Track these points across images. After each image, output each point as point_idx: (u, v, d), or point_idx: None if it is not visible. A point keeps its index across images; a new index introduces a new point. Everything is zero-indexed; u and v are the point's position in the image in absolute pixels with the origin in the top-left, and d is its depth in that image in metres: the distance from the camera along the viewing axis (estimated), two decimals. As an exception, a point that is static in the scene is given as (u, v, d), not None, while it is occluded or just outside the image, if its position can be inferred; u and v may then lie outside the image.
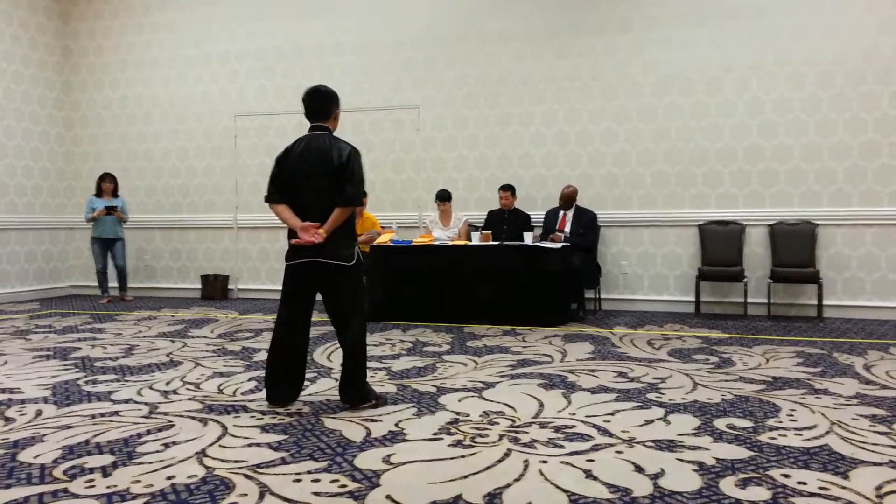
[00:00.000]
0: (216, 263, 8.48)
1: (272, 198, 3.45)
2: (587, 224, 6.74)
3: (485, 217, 7.15)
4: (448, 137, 7.65)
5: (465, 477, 2.54)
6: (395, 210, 7.79)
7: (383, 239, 6.61)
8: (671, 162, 6.97)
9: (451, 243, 6.45)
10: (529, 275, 6.04)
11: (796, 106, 6.62)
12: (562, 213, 6.83)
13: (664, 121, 6.98)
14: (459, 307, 6.23)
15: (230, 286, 8.38)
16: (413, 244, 6.45)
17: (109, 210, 7.79)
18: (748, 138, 6.75)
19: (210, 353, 4.95)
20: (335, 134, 3.49)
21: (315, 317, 4.16)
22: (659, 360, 4.58)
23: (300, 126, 4.17)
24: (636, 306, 7.08)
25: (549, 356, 4.73)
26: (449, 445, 2.90)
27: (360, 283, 3.52)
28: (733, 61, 6.77)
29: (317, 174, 3.34)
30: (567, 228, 6.72)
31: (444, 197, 6.97)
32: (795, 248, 6.49)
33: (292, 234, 3.39)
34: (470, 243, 6.41)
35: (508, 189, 6.95)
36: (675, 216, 6.98)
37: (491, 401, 3.59)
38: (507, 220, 6.87)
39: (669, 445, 2.89)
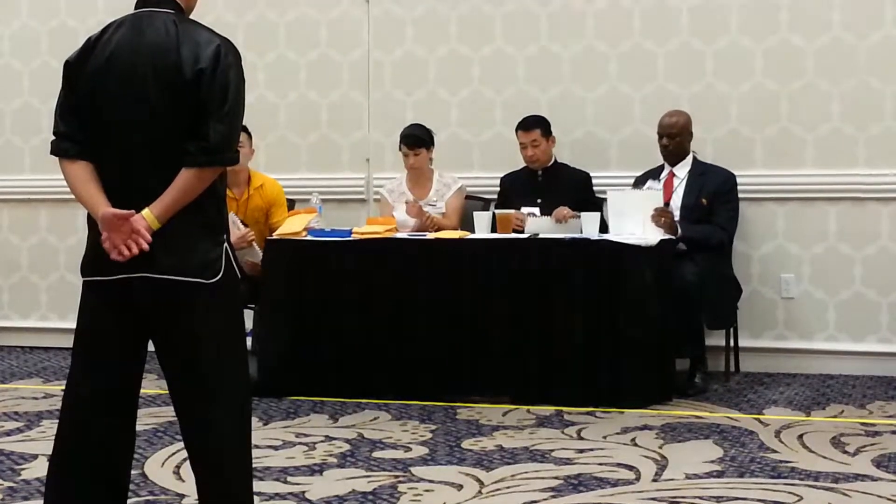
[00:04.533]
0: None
1: (64, 149, 3.46)
2: (718, 196, 6.78)
3: (498, 184, 7.25)
4: (426, 21, 7.67)
5: None
6: (319, 170, 7.88)
7: (293, 227, 6.61)
8: (882, 72, 7.00)
9: (430, 236, 6.50)
10: (593, 300, 6.05)
11: None
12: (666, 170, 6.91)
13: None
14: (447, 367, 6.26)
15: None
16: (354, 237, 6.50)
17: None
18: None
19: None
20: (192, 17, 3.53)
21: (149, 387, 4.09)
22: (856, 478, 4.62)
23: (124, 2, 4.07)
24: (810, 365, 7.13)
25: (633, 469, 4.77)
26: None
27: (236, 318, 3.55)
28: None
29: (146, 97, 3.36)
30: (676, 202, 6.76)
31: (416, 140, 7.02)
32: None
33: (96, 223, 3.38)
34: (470, 235, 6.48)
35: (537, 126, 7.00)
36: (892, 179, 7.00)
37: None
38: (542, 187, 6.95)
39: None
